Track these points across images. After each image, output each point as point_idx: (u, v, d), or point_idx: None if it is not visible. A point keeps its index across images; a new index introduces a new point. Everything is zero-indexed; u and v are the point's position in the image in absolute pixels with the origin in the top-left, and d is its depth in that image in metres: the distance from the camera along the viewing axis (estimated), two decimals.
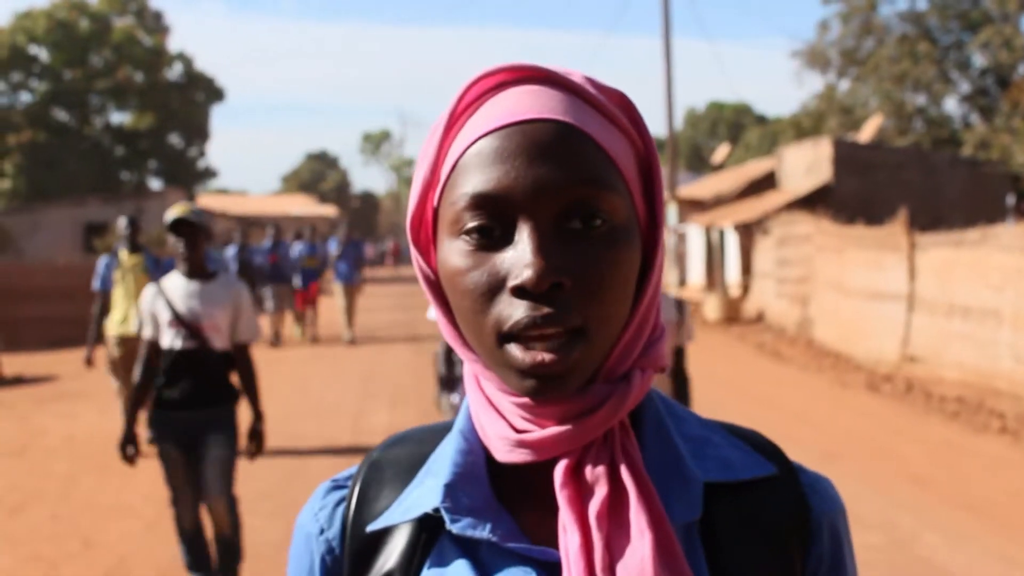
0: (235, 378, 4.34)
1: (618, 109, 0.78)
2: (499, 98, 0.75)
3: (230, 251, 14.17)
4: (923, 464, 6.99)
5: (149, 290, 4.28)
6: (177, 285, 4.27)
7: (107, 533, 5.50)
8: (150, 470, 5.90)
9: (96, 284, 7.29)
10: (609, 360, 0.76)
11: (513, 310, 0.71)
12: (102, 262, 7.38)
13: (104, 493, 6.30)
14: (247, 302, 4.30)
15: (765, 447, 0.84)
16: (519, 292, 0.70)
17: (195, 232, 4.18)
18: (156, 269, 7.14)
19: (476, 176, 0.72)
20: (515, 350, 0.71)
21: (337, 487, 0.86)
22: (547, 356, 0.70)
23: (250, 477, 6.63)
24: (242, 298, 4.29)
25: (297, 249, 14.47)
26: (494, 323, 0.72)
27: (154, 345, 4.26)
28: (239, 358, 4.31)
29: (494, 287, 0.72)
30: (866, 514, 5.53)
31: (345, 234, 14.17)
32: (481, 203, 0.72)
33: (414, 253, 0.81)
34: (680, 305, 3.93)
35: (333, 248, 14.16)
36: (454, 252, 0.74)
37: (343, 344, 14.05)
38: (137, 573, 4.93)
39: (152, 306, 4.25)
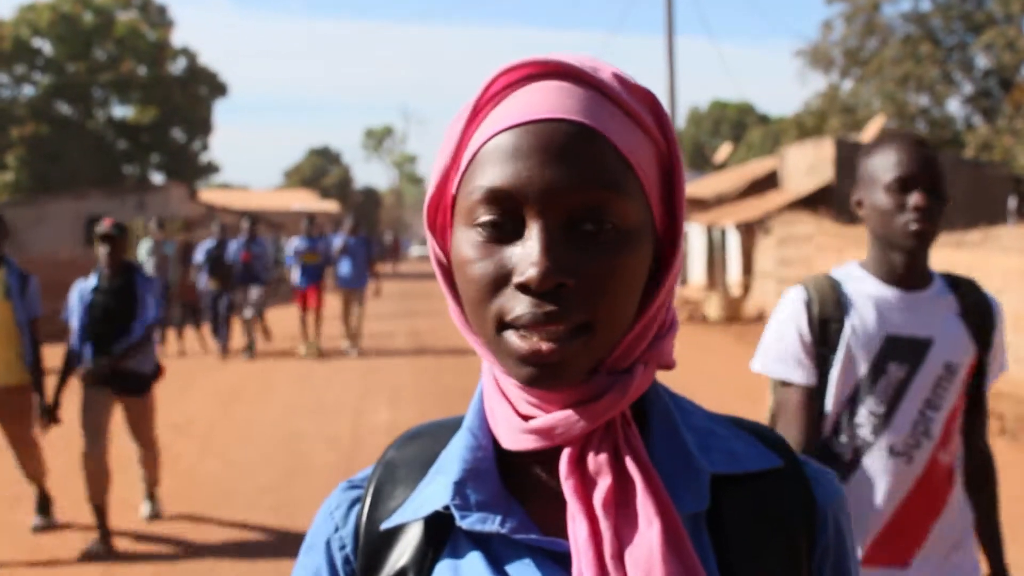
0: None
1: (644, 108, 0.78)
2: (522, 92, 0.76)
3: (203, 247, 12.49)
4: None
5: None
6: None
7: None
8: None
9: None
10: (613, 355, 0.77)
11: (515, 303, 0.72)
12: None
13: None
14: None
15: (770, 440, 0.86)
16: (523, 288, 0.72)
17: None
18: (21, 292, 5.23)
19: (492, 170, 0.73)
20: (513, 337, 0.73)
21: (353, 487, 0.88)
22: (544, 345, 0.72)
23: (251, 474, 6.65)
24: None
25: (294, 244, 12.84)
26: (496, 312, 0.73)
27: None
28: None
29: (499, 279, 0.73)
30: None
31: (350, 228, 12.61)
32: (494, 197, 0.73)
33: (430, 238, 0.82)
34: None
35: (337, 244, 12.46)
36: (466, 241, 0.75)
37: (347, 357, 12.59)
38: (138, 566, 4.95)
39: None
